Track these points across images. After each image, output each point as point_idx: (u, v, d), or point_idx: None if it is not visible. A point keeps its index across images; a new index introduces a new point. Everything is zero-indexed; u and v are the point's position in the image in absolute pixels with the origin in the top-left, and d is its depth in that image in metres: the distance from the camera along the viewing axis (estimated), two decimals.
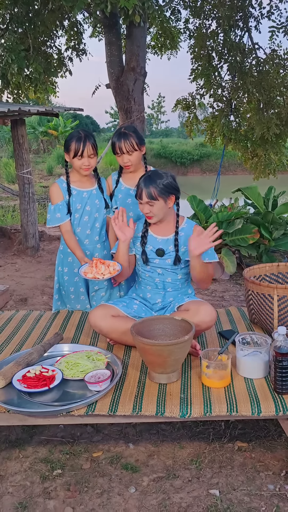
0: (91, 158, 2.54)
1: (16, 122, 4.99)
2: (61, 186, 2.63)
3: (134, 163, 2.60)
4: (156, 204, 2.25)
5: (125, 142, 2.52)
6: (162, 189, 2.24)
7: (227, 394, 1.88)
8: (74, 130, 2.58)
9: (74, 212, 2.62)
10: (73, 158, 2.52)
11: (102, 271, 2.34)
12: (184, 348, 1.91)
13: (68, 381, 1.98)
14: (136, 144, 2.55)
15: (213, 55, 6.86)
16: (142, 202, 2.27)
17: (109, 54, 6.39)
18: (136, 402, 1.82)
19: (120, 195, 2.72)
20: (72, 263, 2.72)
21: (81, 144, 2.48)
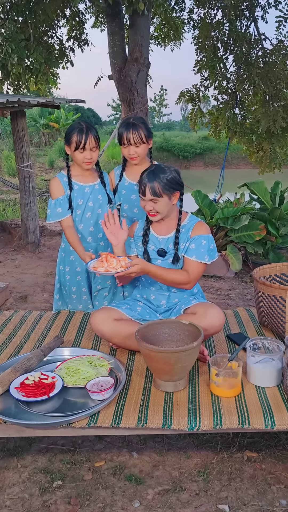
0: (94, 151, 2.42)
1: (16, 114, 4.85)
2: (61, 181, 2.50)
3: (141, 156, 2.48)
4: (160, 201, 2.13)
5: (134, 133, 2.40)
6: (166, 184, 2.11)
7: (238, 404, 1.76)
8: (75, 122, 2.46)
9: (75, 208, 2.50)
10: (74, 151, 2.39)
11: (114, 265, 2.15)
12: (192, 355, 1.79)
13: (69, 389, 1.87)
14: (144, 136, 2.43)
15: (218, 46, 6.69)
16: (145, 199, 2.14)
17: (111, 44, 6.23)
18: (141, 413, 1.71)
19: (124, 191, 2.59)
20: (74, 262, 2.60)
21: (83, 136, 2.36)
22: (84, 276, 2.62)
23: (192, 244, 2.21)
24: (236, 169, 19.54)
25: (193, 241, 2.21)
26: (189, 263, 2.19)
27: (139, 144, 2.43)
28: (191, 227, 2.24)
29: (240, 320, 2.53)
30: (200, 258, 2.19)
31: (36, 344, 2.28)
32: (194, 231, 2.23)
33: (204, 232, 2.23)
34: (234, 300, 4.16)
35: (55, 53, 6.65)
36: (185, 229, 2.25)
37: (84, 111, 28.28)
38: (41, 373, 1.93)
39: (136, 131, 2.40)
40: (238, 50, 6.58)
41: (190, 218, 2.29)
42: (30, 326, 2.48)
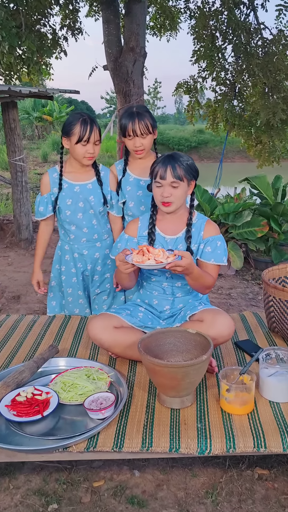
0: (96, 146, 2.23)
1: (7, 105, 4.64)
2: (50, 177, 2.32)
3: (147, 147, 2.29)
4: (180, 186, 1.93)
5: (140, 123, 2.20)
6: (187, 169, 1.94)
7: (252, 423, 1.60)
8: (75, 112, 2.25)
9: (64, 208, 2.32)
10: (75, 143, 2.19)
11: (161, 255, 1.84)
12: (201, 369, 1.63)
13: (65, 406, 1.70)
14: (150, 125, 2.24)
15: (216, 35, 6.48)
16: (164, 183, 1.93)
17: (106, 33, 6.00)
18: (145, 434, 1.55)
19: (128, 187, 2.38)
20: (69, 262, 2.43)
21: (88, 127, 2.16)
22: (79, 278, 2.45)
23: (208, 247, 2.04)
24: (231, 162, 19.37)
25: (207, 243, 2.04)
26: (207, 266, 2.03)
27: (145, 134, 2.23)
28: (202, 227, 2.07)
29: (247, 325, 2.37)
30: (218, 261, 2.04)
31: (29, 354, 2.11)
32: (206, 232, 2.06)
33: (216, 232, 2.08)
34: (236, 300, 4.01)
35: (48, 42, 6.41)
36: (196, 229, 2.07)
37: (77, 104, 27.92)
38: (34, 388, 1.76)
39: (142, 121, 2.20)
40: (237, 40, 6.37)
41: (198, 216, 2.11)
42: (22, 333, 2.30)
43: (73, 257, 2.42)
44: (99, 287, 2.48)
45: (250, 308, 3.82)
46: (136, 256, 1.83)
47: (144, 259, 1.81)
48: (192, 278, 1.92)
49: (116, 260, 1.87)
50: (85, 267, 2.44)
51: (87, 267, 2.43)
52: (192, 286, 2.01)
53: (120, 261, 1.84)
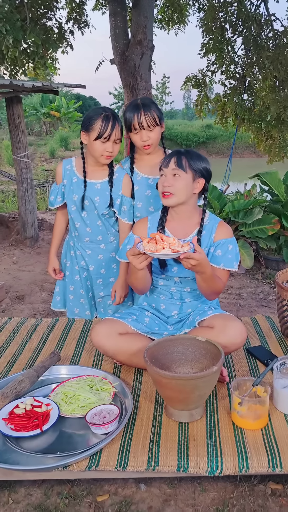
0: (116, 144, 2.09)
1: (12, 100, 4.54)
2: (64, 168, 2.23)
3: (155, 141, 2.15)
4: (182, 176, 1.82)
5: (146, 114, 2.06)
6: (195, 164, 1.83)
7: (266, 439, 1.49)
8: (97, 107, 2.11)
9: (70, 202, 2.22)
10: (94, 140, 2.06)
11: (176, 244, 1.66)
12: (212, 381, 1.52)
13: (66, 419, 1.60)
14: (157, 117, 2.10)
15: (226, 27, 6.32)
16: (166, 171, 1.83)
17: (113, 26, 5.87)
18: (151, 452, 1.44)
19: (136, 187, 2.24)
20: (73, 258, 2.34)
21: (109, 124, 2.03)
22: (82, 277, 2.34)
23: (218, 250, 1.91)
24: (240, 158, 19.16)
25: (218, 246, 1.91)
26: (216, 271, 1.89)
27: (153, 127, 2.09)
28: (213, 229, 1.94)
29: (259, 330, 2.25)
30: (228, 266, 1.90)
31: (30, 360, 2.01)
32: (217, 234, 1.93)
33: (229, 234, 1.94)
34: (246, 300, 3.88)
35: (53, 36, 6.29)
36: (207, 231, 1.94)
37: (85, 100, 27.80)
38: (33, 399, 1.66)
39: (149, 112, 2.07)
40: (247, 32, 6.20)
41: (210, 217, 1.98)
42: (24, 338, 2.20)
43: (77, 254, 2.32)
44: (103, 290, 2.37)
45: (261, 308, 3.70)
46: (149, 245, 1.67)
47: (159, 248, 1.64)
48: (204, 278, 1.79)
49: (128, 256, 1.71)
50: (88, 268, 2.33)
51: (90, 268, 2.33)
52: (201, 289, 1.89)
53: (132, 255, 1.69)
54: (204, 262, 1.70)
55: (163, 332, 1.96)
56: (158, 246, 1.64)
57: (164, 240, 1.68)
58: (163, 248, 1.63)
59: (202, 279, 1.80)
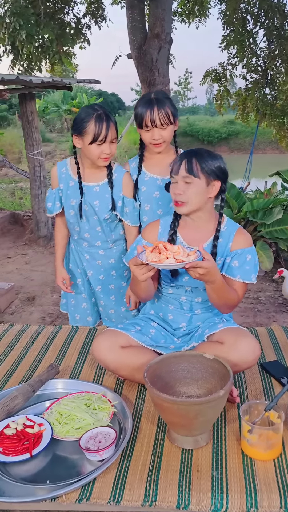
0: (113, 144, 1.95)
1: (25, 96, 4.44)
2: (58, 171, 2.10)
3: (167, 140, 1.99)
4: (194, 183, 1.65)
5: (160, 111, 1.90)
6: (207, 166, 1.65)
7: (279, 473, 1.33)
8: (86, 107, 1.93)
9: (68, 207, 2.09)
10: (90, 143, 1.91)
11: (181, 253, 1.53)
12: (218, 406, 1.36)
13: (59, 441, 1.47)
14: (171, 114, 1.94)
15: (247, 19, 6.10)
16: (177, 178, 1.67)
17: (130, 19, 5.72)
18: (149, 484, 1.30)
19: (143, 188, 2.09)
20: (75, 261, 2.23)
21: (104, 125, 1.88)
22: (84, 280, 2.22)
23: (235, 261, 1.74)
24: (263, 154, 18.76)
25: (235, 256, 1.75)
26: (232, 284, 1.74)
27: (166, 125, 1.93)
28: (231, 237, 1.77)
29: (275, 342, 2.08)
30: (246, 278, 1.74)
31: (27, 373, 1.89)
32: (235, 243, 1.76)
33: (248, 243, 1.78)
34: (264, 305, 3.69)
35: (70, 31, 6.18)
36: (223, 239, 1.77)
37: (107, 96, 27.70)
38: (26, 418, 1.54)
39: (163, 109, 1.90)
40: (269, 23, 5.97)
41: (227, 223, 1.82)
42: (24, 347, 2.09)
43: (75, 258, 2.21)
44: (103, 298, 2.25)
45: (280, 314, 3.51)
46: (152, 254, 1.54)
47: (162, 258, 1.51)
48: (214, 289, 1.63)
49: (130, 265, 1.58)
50: (86, 272, 2.21)
51: (88, 273, 2.21)
52: (214, 301, 1.73)
53: (135, 265, 1.56)
54: (213, 270, 1.55)
55: (169, 346, 1.81)
56: (161, 256, 1.50)
57: (168, 249, 1.54)
58: (166, 258, 1.49)
59: (211, 289, 1.64)
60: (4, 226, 5.73)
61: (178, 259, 1.50)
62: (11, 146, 15.27)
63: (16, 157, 14.38)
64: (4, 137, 15.78)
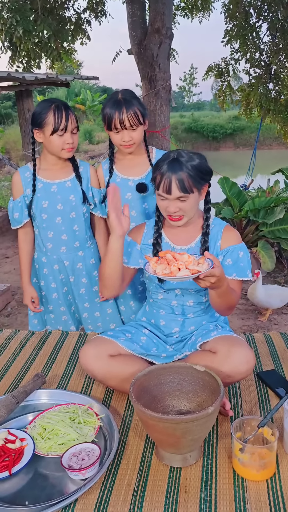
0: (74, 134, 1.92)
1: (22, 94, 4.37)
2: (22, 176, 2.02)
3: (138, 141, 1.93)
4: (189, 198, 1.58)
5: (128, 112, 1.84)
6: (196, 175, 1.56)
7: (272, 495, 1.25)
8: (43, 100, 1.93)
9: (40, 211, 2.02)
10: (51, 135, 1.88)
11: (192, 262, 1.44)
12: (207, 424, 1.28)
13: (41, 458, 1.40)
14: (141, 115, 1.88)
15: (250, 12, 5.97)
16: (170, 198, 1.58)
17: (130, 14, 5.62)
18: (134, 507, 1.22)
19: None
20: (48, 276, 2.14)
21: (63, 114, 1.86)
22: (61, 293, 2.15)
23: (228, 259, 1.69)
24: (268, 150, 18.61)
25: (227, 254, 1.69)
26: (229, 283, 1.65)
27: (135, 126, 1.88)
28: (219, 235, 1.71)
29: (273, 350, 2.00)
30: (242, 275, 1.68)
31: (14, 382, 1.82)
32: (224, 241, 1.71)
33: (237, 240, 1.72)
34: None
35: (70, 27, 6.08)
36: (211, 237, 1.71)
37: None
38: (8, 432, 1.47)
39: (131, 110, 1.84)
40: (273, 16, 5.85)
41: (214, 221, 1.75)
42: (11, 354, 2.02)
43: (53, 269, 2.12)
44: (88, 300, 2.18)
45: (281, 317, 3.42)
46: (160, 266, 1.45)
47: (173, 269, 1.42)
48: (219, 293, 1.55)
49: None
50: (68, 280, 2.14)
51: (70, 279, 2.13)
52: (216, 305, 1.65)
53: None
54: (223, 276, 1.48)
55: (160, 354, 1.73)
56: (173, 268, 1.42)
57: (178, 259, 1.45)
58: (178, 269, 1.41)
59: (217, 294, 1.57)
60: (3, 225, 5.67)
61: (192, 269, 1.41)
62: (14, 144, 15.21)
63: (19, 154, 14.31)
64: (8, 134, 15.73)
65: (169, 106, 5.79)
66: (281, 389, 1.69)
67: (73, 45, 6.53)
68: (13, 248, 5.13)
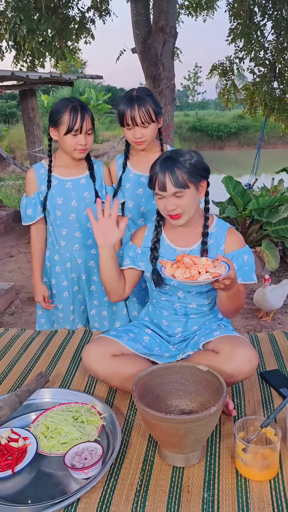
0: (89, 135, 1.93)
1: (26, 93, 4.38)
2: (37, 173, 2.03)
3: (149, 139, 1.95)
4: (186, 194, 1.57)
5: (140, 109, 1.86)
6: (191, 170, 1.56)
7: (275, 495, 1.24)
8: (62, 98, 1.94)
9: (54, 208, 2.02)
10: (65, 134, 1.90)
11: (212, 266, 1.46)
12: (210, 423, 1.28)
13: (44, 457, 1.40)
14: (153, 112, 1.89)
15: (255, 10, 5.95)
16: (165, 195, 1.57)
17: (134, 13, 5.62)
18: (136, 506, 1.22)
19: (128, 185, 2.07)
20: (60, 274, 2.14)
21: (78, 115, 1.86)
22: (71, 292, 2.15)
23: (233, 264, 1.66)
24: (273, 149, 18.56)
25: (233, 259, 1.68)
26: None
27: (147, 124, 1.90)
28: (223, 238, 1.70)
29: (277, 349, 1.99)
30: (247, 279, 1.69)
31: (17, 381, 1.83)
32: (228, 244, 1.70)
33: (241, 244, 1.72)
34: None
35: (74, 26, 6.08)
36: (214, 240, 1.71)
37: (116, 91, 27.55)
38: (11, 431, 1.47)
39: (143, 107, 1.86)
40: (278, 15, 5.82)
41: (217, 223, 1.74)
42: (16, 353, 2.02)
43: (66, 267, 2.12)
44: (97, 298, 2.19)
45: (285, 316, 3.41)
46: (179, 270, 1.46)
47: (194, 273, 1.43)
48: (230, 295, 1.56)
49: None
50: (79, 278, 2.14)
51: (82, 276, 2.14)
52: (223, 307, 1.66)
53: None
54: (236, 278, 1.49)
55: (163, 354, 1.73)
56: (193, 271, 1.42)
57: (197, 262, 1.46)
58: (199, 273, 1.42)
59: (228, 296, 1.57)
60: (8, 224, 5.69)
61: (213, 273, 1.41)
62: (19, 143, 15.25)
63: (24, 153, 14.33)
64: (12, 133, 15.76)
65: (173, 105, 5.79)
66: (285, 389, 1.69)
67: (77, 44, 6.54)
68: (17, 247, 5.15)
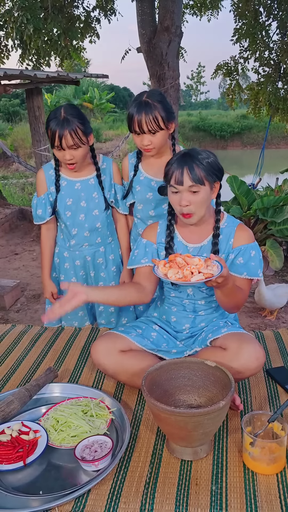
0: (75, 150, 1.88)
1: (32, 92, 4.40)
2: (46, 174, 2.04)
3: (158, 146, 1.89)
4: (201, 191, 1.57)
5: (147, 117, 1.80)
6: (208, 169, 1.57)
7: (282, 488, 1.27)
8: (56, 108, 1.88)
9: (64, 209, 2.04)
10: (52, 148, 1.91)
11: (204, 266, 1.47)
12: (218, 417, 1.30)
13: (54, 449, 1.42)
14: (162, 119, 1.83)
15: (260, 11, 5.96)
16: (181, 189, 1.58)
17: (140, 12, 5.63)
18: (146, 497, 1.25)
19: (138, 187, 2.05)
20: (69, 270, 2.17)
21: (57, 133, 1.82)
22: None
23: (239, 258, 1.69)
24: (276, 149, 18.54)
25: (239, 253, 1.70)
26: (237, 281, 1.67)
27: (155, 131, 1.84)
28: (232, 233, 1.72)
29: (283, 347, 2.01)
30: (252, 274, 1.69)
31: (26, 376, 1.85)
32: (237, 239, 1.71)
33: (250, 239, 1.72)
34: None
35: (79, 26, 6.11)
36: (224, 235, 1.72)
37: (119, 91, 27.57)
38: (22, 424, 1.50)
39: (151, 114, 1.79)
40: (283, 15, 5.83)
41: (227, 219, 1.76)
42: (24, 349, 2.05)
43: (75, 265, 2.15)
44: None
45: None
46: (172, 270, 1.47)
47: (187, 273, 1.44)
48: (224, 292, 1.58)
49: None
50: (88, 275, 2.17)
51: (91, 274, 2.16)
52: (222, 303, 1.67)
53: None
54: (229, 276, 1.51)
55: (171, 350, 1.76)
56: (186, 272, 1.44)
57: (189, 262, 1.47)
58: (191, 273, 1.43)
59: (223, 293, 1.59)
60: (12, 222, 5.72)
61: (206, 273, 1.43)
62: (22, 141, 15.30)
63: (27, 152, 14.39)
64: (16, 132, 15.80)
65: (178, 104, 5.80)
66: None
67: (82, 43, 6.57)
68: (22, 245, 5.18)
